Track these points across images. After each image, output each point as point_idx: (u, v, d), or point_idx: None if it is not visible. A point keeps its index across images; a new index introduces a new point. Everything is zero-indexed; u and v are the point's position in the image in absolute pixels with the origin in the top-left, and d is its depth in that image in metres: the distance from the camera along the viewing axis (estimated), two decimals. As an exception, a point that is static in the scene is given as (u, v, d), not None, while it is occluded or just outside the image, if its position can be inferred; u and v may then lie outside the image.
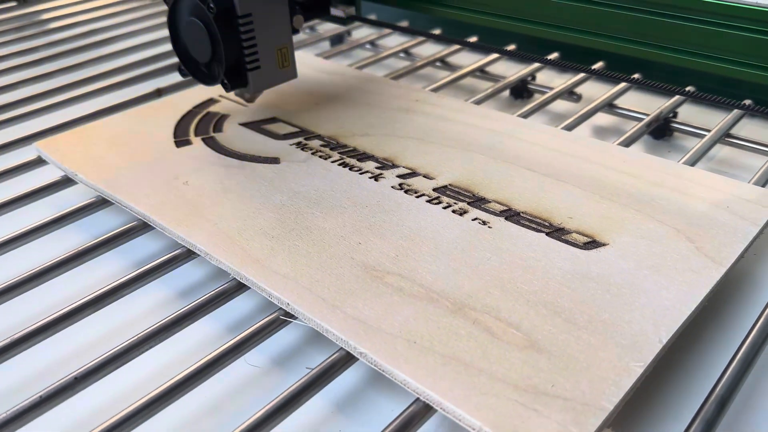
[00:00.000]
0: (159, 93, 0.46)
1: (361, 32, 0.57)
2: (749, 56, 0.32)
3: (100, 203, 0.34)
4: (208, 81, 0.37)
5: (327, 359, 0.24)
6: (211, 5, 0.33)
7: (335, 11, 0.44)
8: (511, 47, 0.49)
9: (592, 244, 0.28)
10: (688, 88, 0.35)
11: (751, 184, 0.32)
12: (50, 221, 0.32)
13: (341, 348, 0.24)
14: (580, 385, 0.21)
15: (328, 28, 0.58)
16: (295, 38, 0.56)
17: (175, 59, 0.52)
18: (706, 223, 0.29)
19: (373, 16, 0.53)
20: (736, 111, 0.39)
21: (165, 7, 0.65)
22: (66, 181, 0.36)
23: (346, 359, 0.24)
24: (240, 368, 0.26)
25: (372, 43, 0.55)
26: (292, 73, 0.38)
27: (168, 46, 0.55)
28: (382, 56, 0.52)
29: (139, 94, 0.46)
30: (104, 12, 0.64)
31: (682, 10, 0.35)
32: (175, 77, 0.49)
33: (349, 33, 0.58)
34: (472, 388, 0.21)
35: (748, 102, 0.37)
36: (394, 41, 0.55)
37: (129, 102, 0.45)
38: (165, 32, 0.58)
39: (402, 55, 0.53)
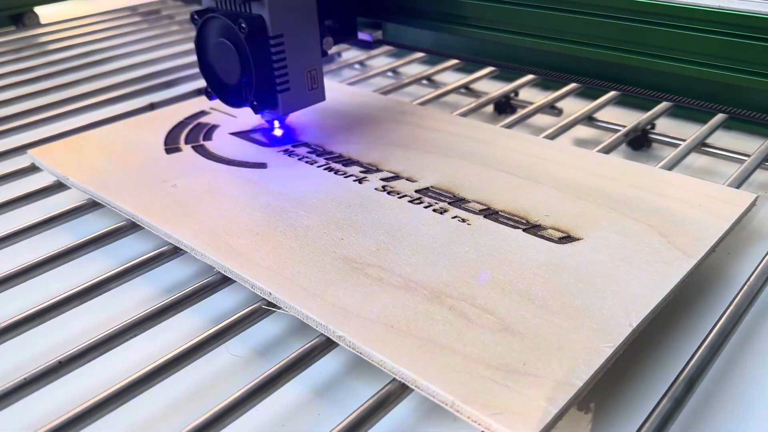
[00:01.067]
0: (152, 107, 0.48)
1: (351, 53, 0.59)
2: (720, 58, 0.33)
3: (90, 206, 0.35)
4: (236, 103, 0.36)
5: (305, 344, 0.24)
6: (243, 25, 0.33)
7: (362, 35, 0.44)
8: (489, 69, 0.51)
9: (567, 238, 0.29)
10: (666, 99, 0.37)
11: (724, 186, 0.33)
12: (39, 223, 0.33)
13: (321, 334, 0.25)
14: (551, 364, 0.22)
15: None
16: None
17: (169, 77, 0.54)
18: (679, 220, 0.30)
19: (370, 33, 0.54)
20: (712, 121, 0.41)
21: (160, 30, 0.67)
22: (58, 186, 0.37)
23: (325, 345, 0.24)
24: (222, 357, 0.26)
25: (361, 63, 0.57)
26: (321, 96, 0.38)
27: (162, 65, 0.56)
28: (370, 74, 0.53)
29: (132, 108, 0.47)
30: (100, 35, 0.65)
31: (656, 15, 0.36)
32: (169, 93, 0.50)
33: (339, 54, 0.59)
34: (446, 366, 0.22)
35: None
36: (382, 62, 0.56)
37: (122, 115, 0.46)
38: (160, 52, 0.60)
39: (390, 73, 0.54)
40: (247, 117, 0.42)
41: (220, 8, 0.35)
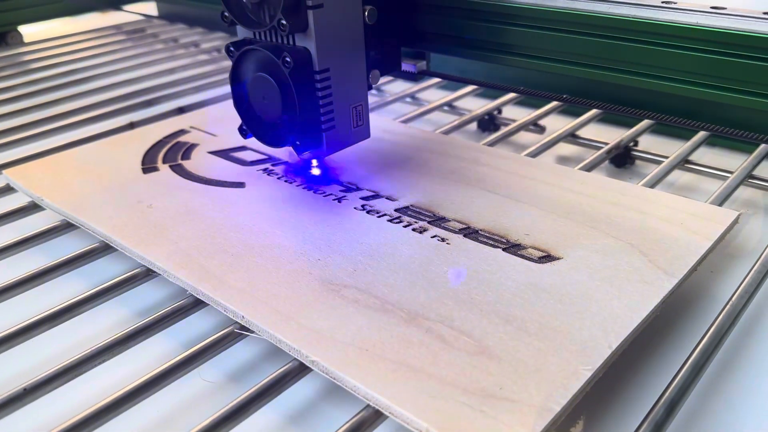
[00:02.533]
0: (132, 126, 0.47)
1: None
2: (702, 76, 0.33)
3: (65, 227, 0.34)
4: (276, 142, 0.33)
5: (278, 369, 0.24)
6: (287, 59, 0.30)
7: (406, 66, 0.40)
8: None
9: (547, 258, 0.28)
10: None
11: (706, 203, 0.33)
12: (13, 244, 0.32)
13: (294, 359, 0.24)
14: (528, 387, 0.21)
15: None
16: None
17: (150, 95, 0.53)
18: (659, 239, 0.29)
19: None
20: (695, 138, 0.41)
21: (143, 49, 0.66)
22: (33, 207, 0.36)
23: (299, 370, 0.24)
24: (194, 383, 0.26)
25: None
26: (366, 133, 0.35)
27: (144, 83, 0.56)
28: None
29: (112, 127, 0.46)
30: (83, 54, 0.65)
31: (638, 33, 0.36)
32: (150, 112, 0.50)
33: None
34: (421, 391, 0.21)
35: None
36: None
37: (102, 134, 0.45)
38: (142, 71, 0.59)
39: (374, 92, 0.54)
40: (226, 137, 0.42)
41: (259, 40, 0.32)
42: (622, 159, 0.42)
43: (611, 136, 0.43)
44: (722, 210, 0.32)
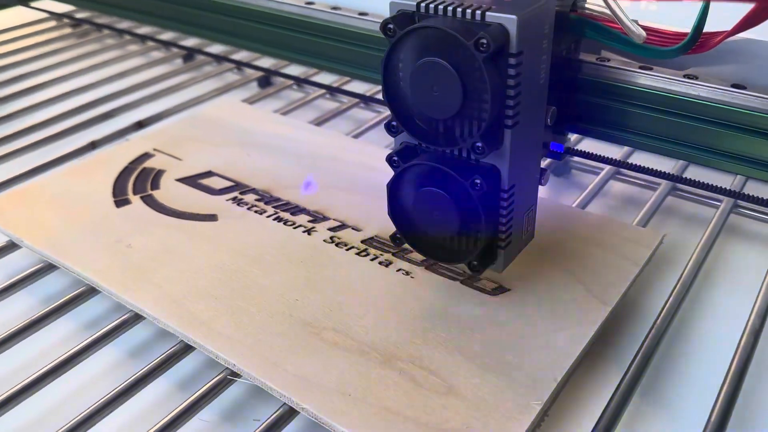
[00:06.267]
0: (93, 146, 0.48)
1: (290, 69, 0.60)
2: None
3: (48, 268, 0.36)
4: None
5: (273, 414, 0.27)
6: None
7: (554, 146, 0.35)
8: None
9: (499, 289, 0.32)
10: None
11: (634, 225, 0.37)
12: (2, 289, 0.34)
13: (284, 403, 0.27)
14: (489, 424, 0.25)
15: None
16: (224, 81, 0.58)
17: (107, 105, 0.54)
18: (594, 265, 0.33)
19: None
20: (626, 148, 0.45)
21: (94, 46, 0.65)
22: (10, 246, 0.37)
23: (290, 413, 0.27)
24: (191, 424, 0.29)
25: (298, 83, 0.58)
26: (531, 236, 0.33)
27: (98, 91, 0.56)
28: (311, 98, 0.55)
29: (72, 147, 0.47)
30: (24, 56, 0.64)
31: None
32: (109, 126, 0.50)
33: (275, 73, 0.60)
34: (399, 433, 0.25)
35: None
36: (322, 78, 0.58)
37: (63, 157, 0.46)
38: (95, 75, 0.59)
39: (328, 96, 0.56)
40: (191, 160, 0.44)
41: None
42: (560, 169, 0.46)
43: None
44: (648, 231, 0.36)
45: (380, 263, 0.34)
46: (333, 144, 0.46)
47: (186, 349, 0.31)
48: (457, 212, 0.28)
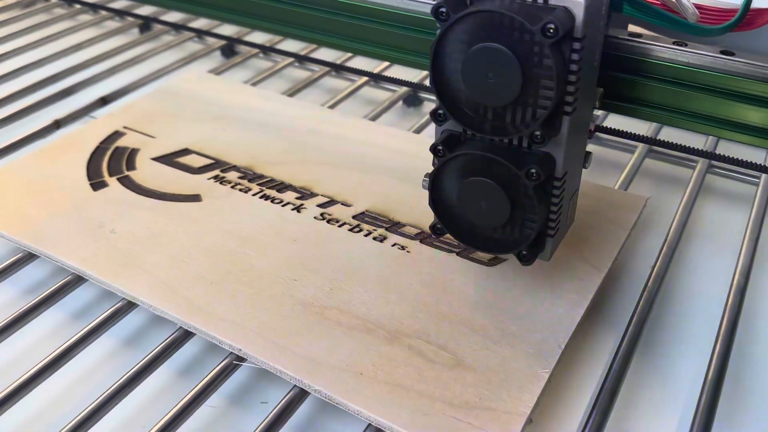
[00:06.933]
0: (57, 125, 0.46)
1: (253, 36, 0.58)
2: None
3: (28, 258, 0.34)
4: (493, 249, 0.28)
5: (284, 396, 0.27)
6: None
7: None
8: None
9: (495, 260, 0.33)
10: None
11: (619, 190, 0.38)
12: (-21, 283, 0.33)
13: (294, 385, 0.27)
14: (501, 395, 0.26)
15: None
16: (186, 51, 0.56)
17: (65, 82, 0.51)
18: (586, 232, 0.34)
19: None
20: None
21: (44, 17, 0.62)
22: (-17, 236, 0.36)
23: (301, 395, 0.27)
24: (201, 411, 0.29)
25: (264, 51, 0.56)
26: (572, 221, 0.31)
27: (53, 66, 0.53)
28: (279, 67, 0.53)
29: (35, 127, 0.45)
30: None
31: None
32: (70, 104, 0.48)
33: (238, 41, 0.58)
34: (416, 410, 0.25)
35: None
36: (288, 46, 0.56)
37: (27, 138, 0.44)
38: (47, 49, 0.56)
39: (297, 64, 0.55)
40: (165, 138, 0.42)
41: (474, 136, 0.27)
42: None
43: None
44: (633, 196, 0.37)
45: (374, 239, 0.34)
46: (309, 116, 0.45)
47: (186, 335, 0.30)
48: (508, 202, 0.27)
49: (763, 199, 0.38)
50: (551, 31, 0.23)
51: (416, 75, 0.51)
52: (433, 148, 0.27)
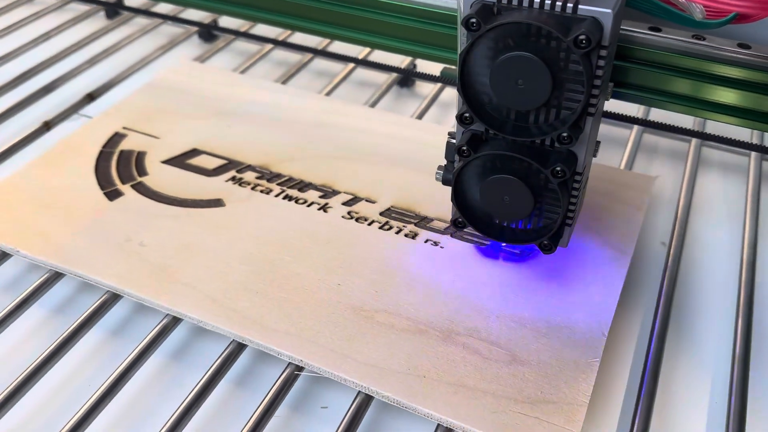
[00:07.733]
0: (47, 126, 0.44)
1: (226, 21, 0.56)
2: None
3: (54, 277, 0.34)
4: (515, 240, 0.31)
5: (351, 405, 0.28)
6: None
7: None
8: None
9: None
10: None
11: (630, 171, 0.39)
12: (15, 307, 0.32)
13: (359, 391, 0.28)
14: (560, 387, 0.28)
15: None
16: (162, 35, 0.54)
17: (44, 77, 0.49)
18: (606, 216, 0.36)
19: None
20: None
21: (28, 8, 0.58)
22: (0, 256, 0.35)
23: (367, 400, 0.28)
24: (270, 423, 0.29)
25: (245, 33, 0.55)
26: (581, 206, 0.33)
27: (26, 60, 0.51)
28: (266, 51, 0.52)
29: (23, 129, 0.43)
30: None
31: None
32: (54, 101, 0.46)
33: (215, 23, 0.57)
34: (483, 409, 0.27)
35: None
36: (265, 30, 0.55)
37: (19, 143, 0.42)
38: (11, 41, 0.53)
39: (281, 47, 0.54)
40: (170, 137, 0.41)
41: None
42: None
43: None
44: (641, 176, 0.39)
45: (406, 236, 0.35)
46: (314, 107, 0.44)
47: (239, 347, 0.30)
48: (532, 198, 0.28)
49: (757, 169, 0.41)
50: (583, 42, 0.24)
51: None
52: (458, 149, 0.29)
